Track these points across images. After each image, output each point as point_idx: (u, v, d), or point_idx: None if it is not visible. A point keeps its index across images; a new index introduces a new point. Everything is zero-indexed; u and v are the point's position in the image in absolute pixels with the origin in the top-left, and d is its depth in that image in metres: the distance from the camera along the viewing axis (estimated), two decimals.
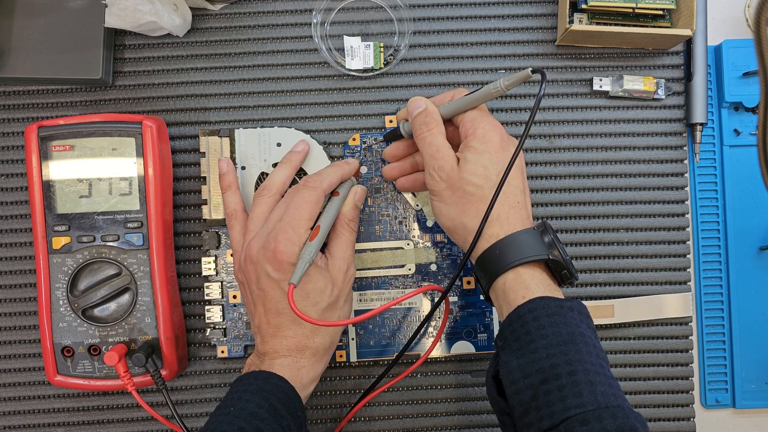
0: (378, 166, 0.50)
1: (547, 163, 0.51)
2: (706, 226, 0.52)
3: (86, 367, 0.46)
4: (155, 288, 0.46)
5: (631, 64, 0.52)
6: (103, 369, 0.46)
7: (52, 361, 0.46)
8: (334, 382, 0.50)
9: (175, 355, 0.46)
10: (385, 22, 0.51)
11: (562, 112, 0.52)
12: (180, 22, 0.49)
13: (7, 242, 0.50)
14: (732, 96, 0.52)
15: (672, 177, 0.52)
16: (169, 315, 0.46)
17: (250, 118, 0.51)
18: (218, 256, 0.49)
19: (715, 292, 0.52)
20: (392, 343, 0.49)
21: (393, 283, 0.50)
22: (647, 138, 0.52)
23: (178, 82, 0.51)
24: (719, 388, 0.52)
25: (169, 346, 0.46)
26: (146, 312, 0.46)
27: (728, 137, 0.52)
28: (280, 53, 0.51)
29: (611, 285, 0.51)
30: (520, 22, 0.52)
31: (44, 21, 0.48)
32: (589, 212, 0.51)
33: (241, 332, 0.49)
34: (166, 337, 0.46)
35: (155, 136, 0.46)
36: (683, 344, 0.51)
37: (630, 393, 0.51)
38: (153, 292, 0.46)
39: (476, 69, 0.52)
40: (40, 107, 0.51)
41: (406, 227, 0.50)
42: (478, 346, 0.50)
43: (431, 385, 0.50)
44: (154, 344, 0.46)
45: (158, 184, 0.46)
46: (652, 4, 0.49)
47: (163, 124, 0.48)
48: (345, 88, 0.51)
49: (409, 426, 0.50)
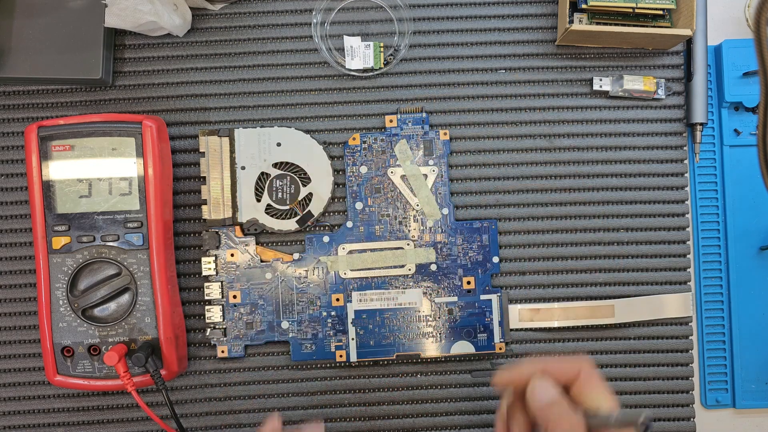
0: (378, 166, 0.50)
1: (547, 163, 0.51)
2: (706, 226, 0.52)
3: (86, 367, 0.46)
4: (155, 288, 0.46)
5: (631, 64, 0.52)
6: (103, 369, 0.46)
7: (52, 361, 0.46)
8: (334, 381, 0.50)
9: (175, 355, 0.46)
10: (385, 22, 0.52)
11: (562, 112, 0.52)
12: (180, 22, 0.49)
13: (8, 242, 0.50)
14: (732, 96, 0.52)
15: (672, 177, 0.52)
16: (169, 315, 0.46)
17: (250, 118, 0.51)
18: (218, 256, 0.49)
19: (715, 292, 0.52)
20: (392, 343, 0.49)
21: (393, 283, 0.50)
22: (647, 138, 0.52)
23: (178, 82, 0.51)
24: (719, 388, 0.52)
25: (169, 346, 0.46)
26: (146, 312, 0.46)
27: (728, 137, 0.52)
28: (280, 53, 0.51)
29: (611, 285, 0.51)
30: (520, 22, 0.52)
31: (44, 21, 0.48)
32: (589, 212, 0.51)
33: (241, 332, 0.49)
34: (166, 337, 0.46)
35: (155, 136, 0.46)
36: (683, 344, 0.51)
37: (630, 393, 0.51)
38: (153, 292, 0.46)
39: (476, 69, 0.52)
40: (40, 107, 0.51)
41: (406, 227, 0.50)
42: (478, 346, 0.50)
43: (431, 385, 0.50)
44: (154, 344, 0.46)
45: (158, 184, 0.46)
46: (652, 4, 0.49)
47: (163, 124, 0.48)
48: (345, 88, 0.51)
49: (409, 426, 0.50)
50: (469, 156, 0.51)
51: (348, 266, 0.50)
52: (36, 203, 0.45)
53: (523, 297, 0.51)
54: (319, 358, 0.49)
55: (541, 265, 0.51)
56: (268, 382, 0.50)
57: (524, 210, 0.51)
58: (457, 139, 0.51)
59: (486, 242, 0.50)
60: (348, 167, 0.50)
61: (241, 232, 0.49)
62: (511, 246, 0.51)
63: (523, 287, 0.51)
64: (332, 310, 0.50)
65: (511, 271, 0.51)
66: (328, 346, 0.49)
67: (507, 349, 0.50)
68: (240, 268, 0.49)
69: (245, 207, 0.49)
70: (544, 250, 0.51)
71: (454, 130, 0.51)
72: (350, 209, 0.50)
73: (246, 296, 0.49)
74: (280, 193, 0.49)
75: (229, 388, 0.50)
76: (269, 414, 0.50)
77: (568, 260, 0.51)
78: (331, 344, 0.49)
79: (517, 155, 0.51)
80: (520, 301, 0.51)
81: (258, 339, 0.49)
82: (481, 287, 0.50)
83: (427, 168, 0.50)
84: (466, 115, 0.51)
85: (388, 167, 0.50)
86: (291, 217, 0.50)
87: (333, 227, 0.51)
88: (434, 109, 0.51)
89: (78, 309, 0.45)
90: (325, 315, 0.49)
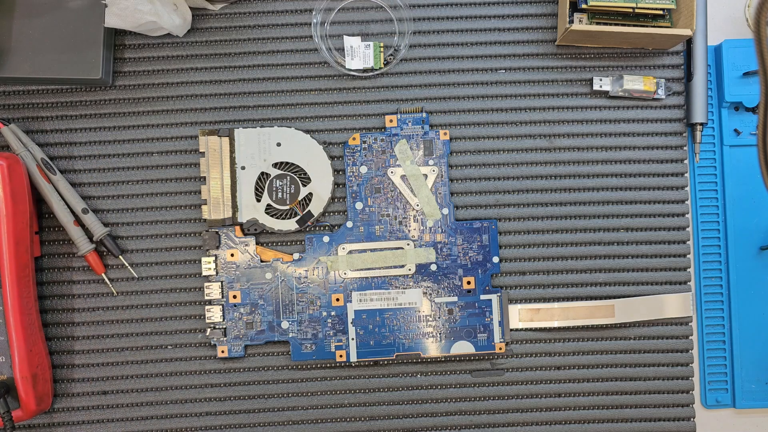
0: (378, 166, 0.50)
1: (547, 163, 0.51)
2: (706, 226, 0.52)
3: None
4: (9, 327, 0.45)
5: (631, 64, 0.52)
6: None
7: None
8: (333, 381, 0.50)
9: (33, 394, 0.46)
10: (385, 22, 0.52)
11: (562, 112, 0.52)
12: (180, 22, 0.49)
13: None
14: (732, 96, 0.52)
15: (672, 177, 0.52)
16: (25, 354, 0.45)
17: (250, 118, 0.51)
18: (218, 256, 0.49)
19: (715, 292, 0.52)
20: (392, 343, 0.49)
21: (393, 283, 0.50)
22: (647, 138, 0.52)
23: (178, 82, 0.51)
24: (719, 388, 0.52)
25: (25, 385, 0.45)
26: (0, 351, 0.45)
27: (728, 137, 0.52)
28: (280, 53, 0.51)
29: (611, 285, 0.51)
30: (520, 22, 0.52)
31: (44, 21, 0.48)
32: (589, 212, 0.51)
33: (241, 332, 0.49)
34: (23, 377, 0.45)
35: (6, 174, 0.45)
36: (683, 344, 0.51)
37: (630, 393, 0.51)
38: (7, 330, 0.45)
39: (476, 69, 0.52)
40: (40, 107, 0.51)
41: (406, 227, 0.50)
42: (478, 346, 0.50)
43: (431, 385, 0.50)
44: (10, 384, 0.45)
45: (10, 223, 0.45)
46: (652, 4, 0.49)
47: (16, 161, 0.46)
48: (345, 88, 0.51)
49: (409, 426, 0.50)
50: (469, 156, 0.51)
51: (348, 266, 0.50)
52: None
53: (523, 297, 0.51)
54: (319, 358, 0.49)
55: (541, 265, 0.51)
56: (268, 382, 0.50)
57: (524, 210, 0.51)
58: (457, 139, 0.51)
59: (486, 242, 0.50)
60: (348, 167, 0.50)
61: (241, 232, 0.49)
62: (511, 246, 0.51)
63: (523, 287, 0.51)
64: (332, 310, 0.50)
65: (511, 271, 0.51)
66: (328, 346, 0.49)
67: (507, 349, 0.50)
68: (240, 268, 0.49)
69: (245, 207, 0.49)
70: (544, 250, 0.51)
71: (454, 130, 0.51)
72: (350, 209, 0.50)
73: (246, 296, 0.49)
74: (280, 193, 0.49)
75: (229, 388, 0.50)
76: (269, 414, 0.50)
77: (568, 260, 0.51)
78: (331, 344, 0.49)
79: (517, 155, 0.51)
80: (520, 301, 0.51)
81: (258, 339, 0.49)
82: (481, 287, 0.50)
83: (427, 168, 0.50)
84: (466, 115, 0.51)
85: (388, 167, 0.50)
86: (291, 217, 0.50)
87: (333, 227, 0.51)
88: (434, 109, 0.51)
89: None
90: (325, 315, 0.49)
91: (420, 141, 0.50)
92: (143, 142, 0.51)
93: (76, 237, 0.49)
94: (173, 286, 0.50)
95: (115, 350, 0.50)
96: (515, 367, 0.51)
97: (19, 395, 0.46)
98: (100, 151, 0.51)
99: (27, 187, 0.47)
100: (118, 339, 0.50)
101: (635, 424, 0.50)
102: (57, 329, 0.50)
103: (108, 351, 0.50)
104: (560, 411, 0.50)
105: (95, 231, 0.49)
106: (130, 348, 0.50)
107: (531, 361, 0.51)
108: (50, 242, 0.50)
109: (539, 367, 0.51)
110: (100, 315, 0.50)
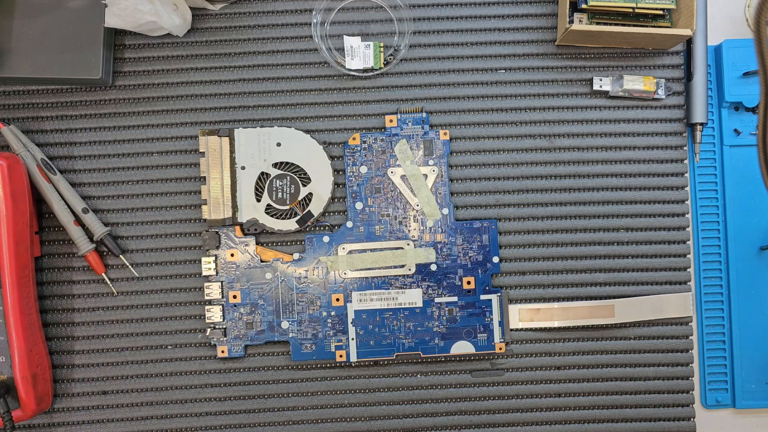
0: (378, 166, 0.50)
1: (547, 163, 0.51)
2: (706, 226, 0.52)
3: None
4: (9, 327, 0.45)
5: (631, 64, 0.52)
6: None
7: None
8: (333, 381, 0.50)
9: (33, 394, 0.46)
10: (385, 22, 0.52)
11: (562, 112, 0.52)
12: (180, 22, 0.49)
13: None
14: (732, 96, 0.52)
15: (672, 177, 0.52)
16: (25, 354, 0.46)
17: (250, 118, 0.51)
18: (218, 256, 0.49)
19: (715, 292, 0.52)
20: (392, 343, 0.49)
21: (393, 283, 0.50)
22: (647, 138, 0.52)
23: (178, 82, 0.51)
24: (719, 388, 0.52)
25: (26, 385, 0.46)
26: (0, 351, 0.45)
27: (728, 137, 0.52)
28: (280, 53, 0.51)
29: (611, 285, 0.51)
30: (520, 22, 0.52)
31: (44, 21, 0.48)
32: (589, 212, 0.51)
33: (241, 332, 0.49)
34: (23, 377, 0.45)
35: (6, 174, 0.45)
36: (683, 344, 0.51)
37: (630, 393, 0.51)
38: (7, 331, 0.45)
39: (476, 69, 0.52)
40: (40, 107, 0.51)
41: (406, 227, 0.50)
42: (478, 346, 0.50)
43: (431, 385, 0.50)
44: (10, 384, 0.46)
45: (10, 223, 0.45)
46: (652, 4, 0.49)
47: (16, 161, 0.46)
48: (345, 88, 0.51)
49: (409, 426, 0.50)
50: (469, 156, 0.51)
51: (348, 266, 0.50)
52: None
53: (523, 297, 0.51)
54: (319, 358, 0.49)
55: (541, 265, 0.51)
56: (268, 382, 0.50)
57: (524, 210, 0.51)
58: (457, 139, 0.51)
59: (486, 242, 0.50)
60: (348, 167, 0.50)
61: (241, 232, 0.49)
62: (511, 246, 0.51)
63: (523, 287, 0.51)
64: (332, 310, 0.50)
65: (511, 271, 0.51)
66: (328, 346, 0.49)
67: (507, 349, 0.50)
68: (240, 268, 0.49)
69: (245, 207, 0.49)
70: (544, 250, 0.51)
71: (454, 130, 0.51)
72: (350, 209, 0.50)
73: (246, 296, 0.49)
74: (280, 193, 0.50)
75: (229, 388, 0.50)
76: (269, 414, 0.50)
77: (568, 260, 0.51)
78: (331, 344, 0.49)
79: (517, 155, 0.51)
80: (520, 301, 0.51)
81: (258, 339, 0.49)
82: (481, 287, 0.50)
83: (427, 168, 0.50)
84: (466, 115, 0.51)
85: (388, 167, 0.50)
86: (291, 217, 0.50)
87: (333, 227, 0.51)
88: (434, 109, 0.51)
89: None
90: (325, 315, 0.49)
91: (420, 141, 0.50)
92: (143, 142, 0.51)
93: (76, 237, 0.49)
94: (173, 286, 0.50)
95: (115, 350, 0.50)
96: (515, 367, 0.51)
97: (19, 395, 0.46)
98: (100, 151, 0.51)
99: (27, 187, 0.47)
100: (118, 339, 0.50)
101: (635, 424, 0.50)
102: (57, 329, 0.50)
103: (108, 351, 0.50)
104: (560, 411, 0.51)
105: (95, 231, 0.49)
106: (130, 348, 0.50)
107: (531, 361, 0.51)
108: (50, 242, 0.50)
109: (539, 367, 0.51)
110: (100, 315, 0.50)
